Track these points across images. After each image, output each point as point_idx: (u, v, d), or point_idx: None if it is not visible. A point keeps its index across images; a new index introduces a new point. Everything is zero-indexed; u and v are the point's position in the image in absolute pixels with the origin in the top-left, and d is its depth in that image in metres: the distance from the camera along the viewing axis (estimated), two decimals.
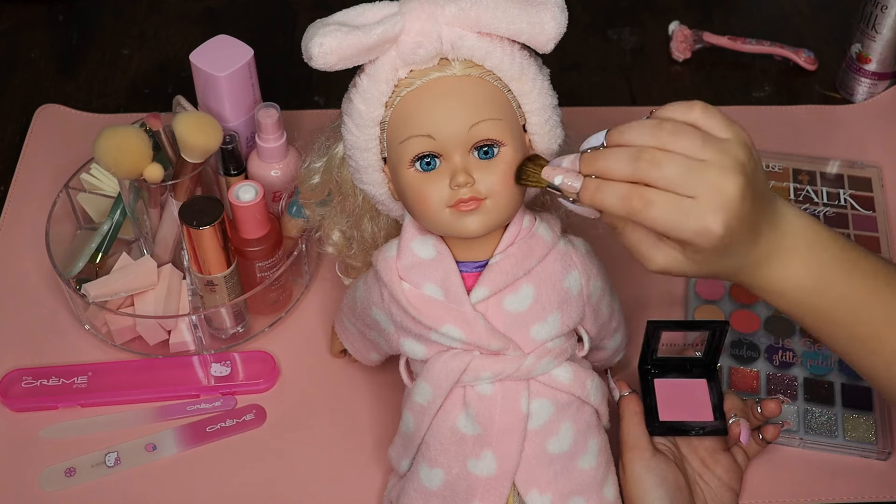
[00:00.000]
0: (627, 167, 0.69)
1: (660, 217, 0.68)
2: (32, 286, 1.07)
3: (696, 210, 0.68)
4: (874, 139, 1.22)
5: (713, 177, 0.68)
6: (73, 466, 0.94)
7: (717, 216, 0.68)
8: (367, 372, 0.99)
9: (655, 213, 0.68)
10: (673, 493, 0.83)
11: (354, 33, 0.74)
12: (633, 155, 0.69)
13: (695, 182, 0.68)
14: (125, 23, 1.37)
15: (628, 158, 0.69)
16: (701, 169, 0.68)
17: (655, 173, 0.68)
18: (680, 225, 0.68)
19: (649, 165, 0.68)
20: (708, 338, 0.89)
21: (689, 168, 0.68)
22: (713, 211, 0.68)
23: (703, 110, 0.71)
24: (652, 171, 0.68)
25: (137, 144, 0.94)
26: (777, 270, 0.74)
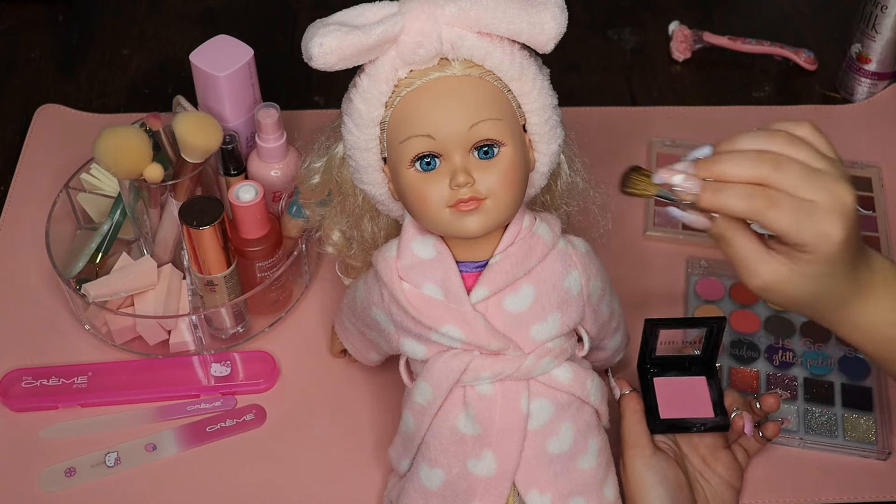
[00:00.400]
0: (749, 169, 0.69)
1: (783, 218, 0.68)
2: (32, 286, 1.07)
3: (818, 213, 0.68)
4: (874, 139, 1.22)
5: (831, 184, 0.69)
6: (73, 466, 0.94)
7: (838, 221, 0.68)
8: (367, 372, 0.99)
9: (779, 213, 0.68)
10: (674, 492, 0.83)
11: (354, 33, 0.74)
12: (753, 157, 0.69)
13: (814, 186, 0.68)
14: (125, 23, 1.37)
15: (749, 161, 0.69)
16: (819, 175, 0.69)
17: (777, 175, 0.68)
18: (802, 226, 0.68)
19: (771, 167, 0.68)
20: (706, 334, 0.89)
21: (809, 173, 0.69)
22: (834, 215, 0.68)
23: (811, 128, 0.72)
24: (773, 174, 0.68)
25: (137, 144, 0.94)
26: (871, 304, 0.74)
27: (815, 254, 0.69)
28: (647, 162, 1.18)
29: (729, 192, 0.69)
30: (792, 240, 0.69)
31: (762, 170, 0.68)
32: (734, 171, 0.69)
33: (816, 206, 0.68)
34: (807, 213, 0.68)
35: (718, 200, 0.70)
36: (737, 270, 0.73)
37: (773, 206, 0.68)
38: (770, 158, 0.69)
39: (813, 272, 0.70)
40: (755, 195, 0.68)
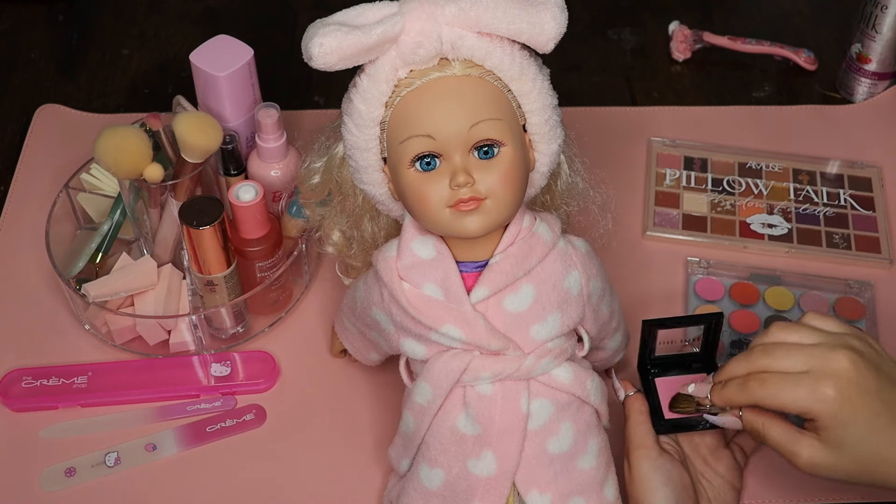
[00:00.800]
0: (744, 363, 0.79)
1: (774, 390, 0.76)
2: (32, 286, 1.07)
3: (807, 379, 0.75)
4: (874, 139, 1.22)
5: (822, 352, 0.76)
6: (73, 466, 0.94)
7: (828, 381, 0.74)
8: (367, 372, 0.99)
9: (769, 388, 0.76)
10: (679, 493, 0.82)
11: (354, 33, 0.74)
12: (747, 353, 0.80)
13: (805, 358, 0.76)
14: (125, 23, 1.37)
15: (744, 357, 0.80)
16: (809, 348, 0.77)
17: (766, 360, 0.78)
18: (792, 393, 0.75)
19: (761, 354, 0.78)
20: (704, 331, 0.89)
21: (799, 350, 0.77)
22: (823, 377, 0.74)
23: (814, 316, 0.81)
24: (763, 359, 0.78)
25: (137, 144, 0.94)
26: None
27: (822, 419, 0.75)
28: (646, 162, 1.18)
29: (729, 386, 0.80)
30: (793, 411, 0.76)
31: (753, 360, 0.78)
32: (735, 369, 0.80)
33: (807, 375, 0.75)
34: (795, 383, 0.75)
35: (724, 396, 0.80)
36: (780, 454, 0.79)
37: (764, 385, 0.77)
38: (761, 349, 0.79)
39: (837, 438, 0.75)
40: (749, 382, 0.78)
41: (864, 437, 0.74)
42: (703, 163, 1.19)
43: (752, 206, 1.14)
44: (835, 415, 0.74)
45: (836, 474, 0.77)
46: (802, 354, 0.76)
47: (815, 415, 0.75)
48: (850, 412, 0.74)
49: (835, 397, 0.74)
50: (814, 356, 0.76)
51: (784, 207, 1.14)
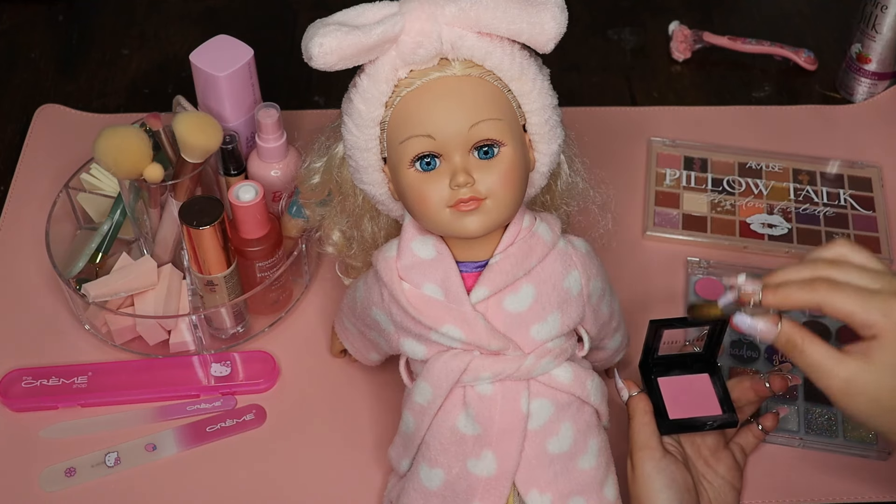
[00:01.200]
0: (808, 270, 0.73)
1: (848, 298, 0.71)
2: (32, 286, 1.07)
3: (882, 295, 0.71)
4: (874, 139, 1.22)
5: (891, 279, 0.72)
6: (73, 466, 0.94)
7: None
8: (367, 372, 0.99)
9: (844, 295, 0.71)
10: (682, 495, 0.82)
11: (354, 33, 0.74)
12: (811, 262, 0.74)
13: (874, 279, 0.72)
14: (125, 23, 1.37)
15: (808, 265, 0.74)
16: (877, 274, 0.72)
17: (833, 271, 0.72)
18: (868, 305, 0.70)
19: (828, 266, 0.73)
20: (708, 332, 0.89)
21: (866, 272, 0.72)
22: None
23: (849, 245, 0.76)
24: (829, 270, 0.72)
25: (137, 144, 0.94)
26: None
27: (886, 336, 0.70)
28: (646, 162, 1.18)
29: (790, 286, 0.73)
30: (860, 319, 0.71)
31: (819, 269, 0.73)
32: (795, 274, 0.73)
33: (879, 291, 0.71)
34: (870, 294, 0.71)
35: (780, 293, 0.73)
36: (811, 376, 0.74)
37: (836, 291, 0.71)
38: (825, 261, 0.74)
39: (888, 360, 0.71)
40: (817, 283, 0.72)
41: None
42: (703, 163, 1.19)
43: (752, 206, 1.14)
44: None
45: (865, 403, 0.72)
46: (872, 275, 0.72)
47: (880, 329, 0.70)
48: None
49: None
50: (884, 278, 0.72)
51: (784, 207, 1.14)
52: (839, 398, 0.73)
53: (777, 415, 0.91)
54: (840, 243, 0.75)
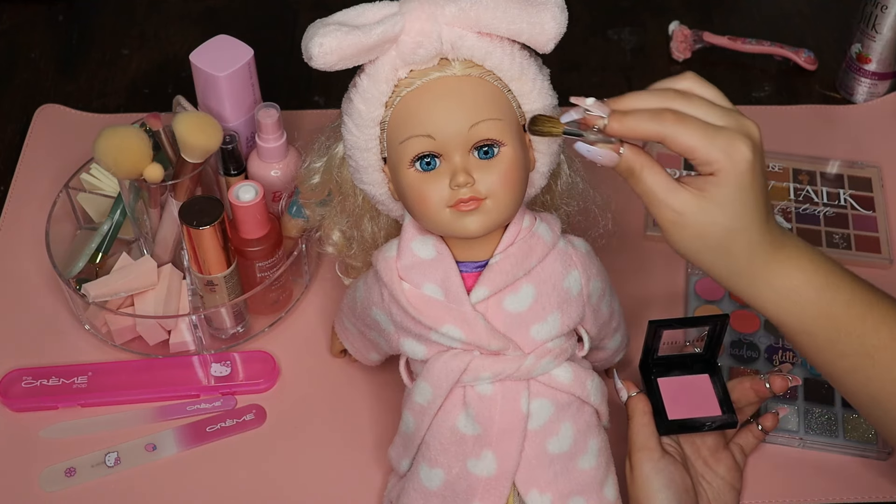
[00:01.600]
0: (656, 99, 0.71)
1: (693, 132, 0.69)
2: (32, 286, 1.07)
3: (726, 132, 0.70)
4: (874, 139, 1.22)
5: (737, 117, 0.71)
6: (73, 466, 0.94)
7: (746, 142, 0.69)
8: (367, 372, 0.99)
9: (688, 129, 0.69)
10: (680, 496, 0.82)
11: (354, 33, 0.74)
12: (660, 91, 0.72)
13: (721, 115, 0.70)
14: (125, 23, 1.37)
15: (656, 94, 0.71)
16: (725, 111, 0.71)
17: (683, 103, 0.70)
18: (711, 141, 0.69)
19: (676, 97, 0.71)
20: (708, 332, 0.89)
21: (714, 108, 0.71)
22: (742, 137, 0.70)
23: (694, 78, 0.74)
24: (678, 101, 0.70)
25: (137, 144, 0.94)
26: (788, 262, 0.74)
27: (724, 174, 0.69)
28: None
29: (636, 115, 0.70)
30: (702, 155, 0.69)
31: (668, 98, 0.71)
32: (642, 102, 0.71)
33: (724, 129, 0.70)
34: (715, 130, 0.69)
35: (626, 122, 0.70)
36: (647, 205, 0.73)
37: (682, 124, 0.69)
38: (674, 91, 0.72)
39: (724, 197, 0.70)
40: (664, 114, 0.70)
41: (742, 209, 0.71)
42: None
43: None
44: (738, 175, 0.69)
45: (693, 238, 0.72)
46: (719, 112, 0.71)
47: (720, 167, 0.69)
48: (749, 179, 0.70)
49: (748, 158, 0.69)
50: (731, 117, 0.71)
51: (784, 207, 1.14)
52: (668, 228, 0.73)
53: (777, 415, 0.91)
54: (689, 75, 0.73)
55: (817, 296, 0.74)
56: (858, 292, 0.75)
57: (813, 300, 0.74)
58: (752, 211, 0.72)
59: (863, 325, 0.74)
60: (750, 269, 0.74)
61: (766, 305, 0.75)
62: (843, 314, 0.74)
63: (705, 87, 0.73)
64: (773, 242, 0.74)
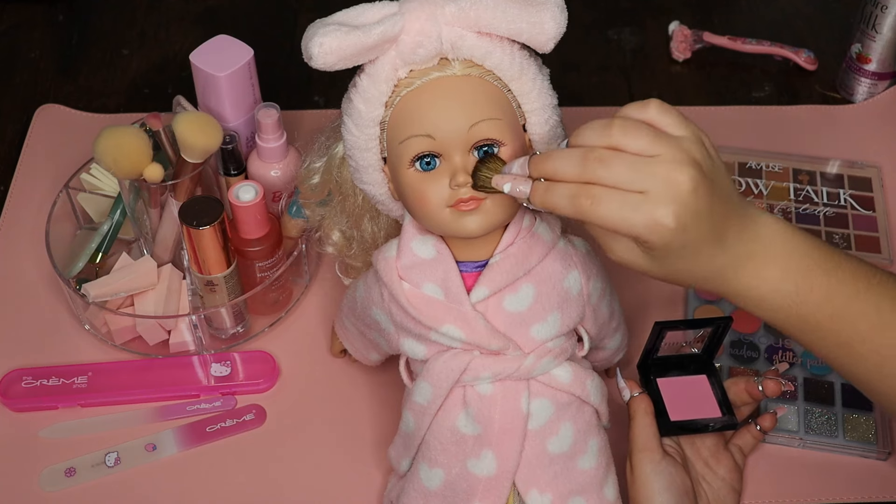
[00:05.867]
0: (576, 168, 0.68)
1: (608, 214, 0.67)
2: (32, 286, 1.07)
3: (645, 204, 0.67)
4: (874, 139, 1.22)
5: (663, 170, 0.67)
6: (73, 466, 0.94)
7: (668, 209, 0.67)
8: (367, 372, 0.99)
9: (603, 210, 0.67)
10: (680, 497, 0.82)
11: (354, 33, 0.74)
12: (580, 155, 0.68)
13: (644, 177, 0.67)
14: (125, 23, 1.37)
15: (576, 159, 0.68)
16: (651, 164, 0.67)
17: (603, 172, 0.67)
18: (628, 220, 0.67)
19: (597, 164, 0.67)
20: (710, 334, 0.89)
21: (639, 164, 0.67)
22: (663, 204, 0.67)
23: (658, 108, 0.70)
24: (599, 170, 0.67)
25: (137, 144, 0.94)
26: (751, 276, 0.72)
27: (650, 243, 0.68)
28: None
29: (555, 193, 0.69)
30: (624, 234, 0.68)
31: (588, 168, 0.68)
32: (561, 170, 0.69)
33: (645, 198, 0.67)
34: (632, 207, 0.67)
35: (548, 201, 0.70)
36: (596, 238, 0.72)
37: (597, 205, 0.67)
38: (596, 156, 0.68)
39: (660, 256, 0.69)
40: (579, 195, 0.68)
41: (684, 257, 0.70)
42: None
43: None
44: (666, 243, 0.68)
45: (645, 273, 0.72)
46: (642, 171, 0.67)
47: (646, 240, 0.68)
48: (681, 239, 0.68)
49: (671, 227, 0.67)
50: (655, 175, 0.67)
51: (784, 207, 1.14)
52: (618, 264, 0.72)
53: (775, 415, 0.91)
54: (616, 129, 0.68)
55: (785, 301, 0.73)
56: (834, 289, 0.73)
57: (781, 305, 0.73)
58: (693, 257, 0.70)
59: (838, 323, 0.73)
60: (709, 287, 0.74)
61: (734, 303, 0.75)
62: (814, 314, 0.73)
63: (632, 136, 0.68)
64: (732, 263, 0.72)
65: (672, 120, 0.70)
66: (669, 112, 0.70)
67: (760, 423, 0.90)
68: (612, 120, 0.70)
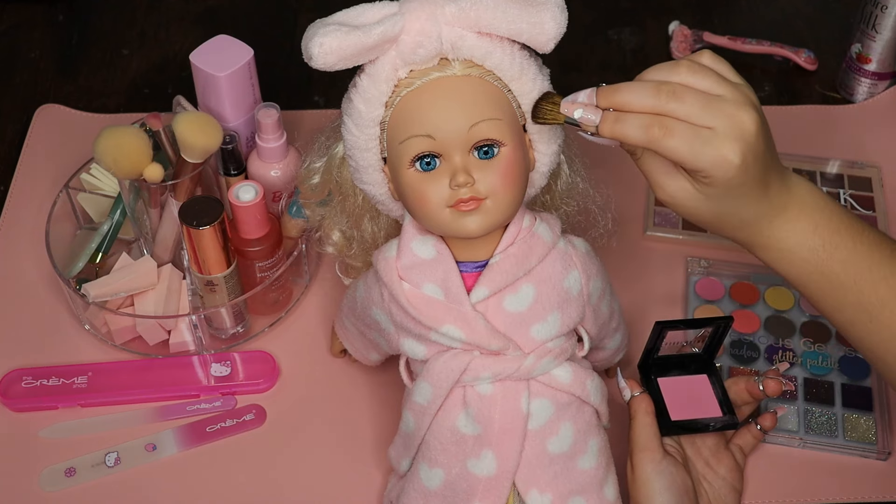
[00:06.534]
0: (648, 99, 0.71)
1: (679, 146, 0.70)
2: (32, 286, 1.07)
3: (715, 139, 0.70)
4: (874, 139, 1.22)
5: (731, 109, 0.70)
6: (73, 466, 0.94)
7: (736, 146, 0.70)
8: (367, 372, 0.99)
9: (675, 141, 0.70)
10: (680, 497, 0.82)
11: (354, 33, 0.74)
12: (653, 87, 0.71)
13: (713, 113, 0.70)
14: (125, 23, 1.37)
15: (649, 90, 0.71)
16: (719, 102, 0.71)
17: (675, 105, 0.70)
18: (698, 154, 0.70)
19: (669, 97, 0.70)
20: (711, 333, 0.89)
21: (708, 100, 0.70)
22: (731, 140, 0.70)
23: (711, 56, 0.74)
24: (671, 103, 0.70)
25: (137, 144, 0.94)
26: (785, 225, 0.75)
27: (713, 178, 0.71)
28: None
29: (627, 122, 0.71)
30: (690, 166, 0.71)
31: (660, 100, 0.71)
32: (633, 101, 0.71)
33: (714, 133, 0.70)
34: (703, 140, 0.70)
35: (617, 130, 0.72)
36: (648, 183, 0.76)
37: (669, 135, 0.70)
38: (668, 89, 0.71)
39: (714, 193, 0.73)
40: (651, 125, 0.70)
41: (736, 198, 0.73)
42: None
43: None
44: (729, 180, 0.71)
45: (690, 215, 0.76)
46: (711, 108, 0.70)
47: (709, 174, 0.71)
48: (741, 178, 0.71)
49: (736, 164, 0.70)
50: (722, 112, 0.70)
51: None
52: (666, 203, 0.76)
53: (775, 414, 0.91)
54: (683, 68, 0.72)
55: (812, 255, 0.75)
56: (859, 251, 0.75)
57: (808, 259, 0.76)
58: (746, 199, 0.73)
59: (860, 284, 0.75)
60: (742, 236, 0.77)
61: (761, 257, 0.78)
62: (839, 272, 0.76)
63: (700, 77, 0.72)
64: (768, 212, 0.75)
65: (727, 68, 0.74)
66: (722, 61, 0.74)
67: (761, 422, 0.90)
68: (679, 60, 0.74)
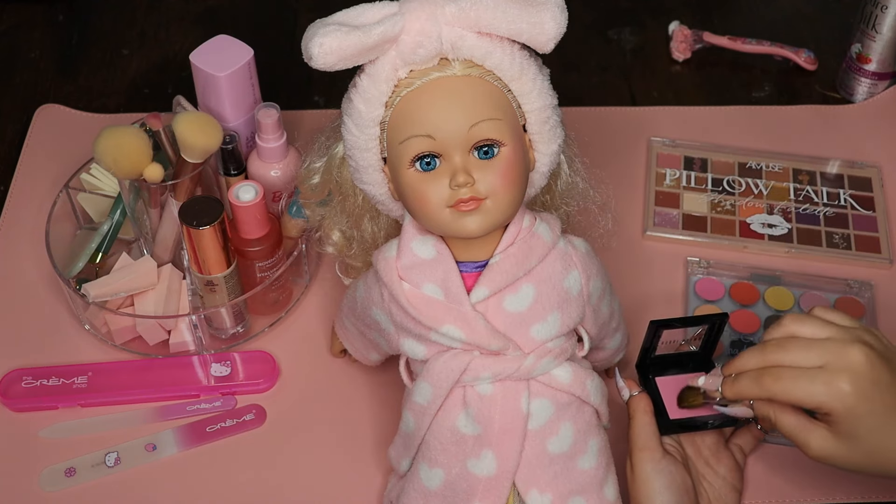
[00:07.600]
0: (757, 357, 0.79)
1: (791, 386, 0.76)
2: (32, 286, 1.07)
3: (823, 374, 0.75)
4: (874, 139, 1.22)
5: (836, 347, 0.76)
6: (73, 466, 0.94)
7: (844, 375, 0.74)
8: (367, 372, 0.99)
9: (786, 384, 0.76)
10: (680, 497, 0.82)
11: (354, 33, 0.74)
12: (760, 346, 0.79)
13: (818, 353, 0.76)
14: (125, 23, 1.37)
15: (757, 350, 0.79)
16: (823, 342, 0.77)
17: (781, 354, 0.77)
18: (811, 390, 0.75)
19: (775, 349, 0.78)
20: (707, 331, 0.89)
21: (811, 343, 0.77)
22: (839, 372, 0.74)
23: (821, 308, 0.81)
24: (777, 353, 0.77)
25: (137, 144, 0.94)
26: None
27: (835, 412, 0.75)
28: (646, 162, 1.18)
29: (741, 379, 0.79)
30: (809, 406, 0.76)
31: (766, 353, 0.78)
32: (746, 363, 0.79)
33: (822, 370, 0.75)
34: (811, 377, 0.75)
35: (735, 389, 0.80)
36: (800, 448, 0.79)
37: (779, 379, 0.76)
38: (774, 342, 0.78)
39: (850, 430, 0.75)
40: (762, 375, 0.77)
41: (876, 429, 0.75)
42: (703, 163, 1.19)
43: (752, 206, 1.14)
44: (849, 409, 0.74)
45: (847, 464, 0.77)
46: (816, 349, 0.76)
47: (829, 409, 0.75)
48: (865, 406, 0.74)
49: (850, 392, 0.74)
50: (828, 350, 0.76)
51: (784, 207, 1.14)
52: (821, 462, 0.78)
53: None
54: (787, 320, 0.79)
55: None
56: None
57: None
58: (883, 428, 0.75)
59: None
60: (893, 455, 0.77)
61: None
62: None
63: (802, 324, 0.78)
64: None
65: (836, 315, 0.80)
66: (830, 310, 0.81)
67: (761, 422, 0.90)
68: (783, 316, 0.81)
